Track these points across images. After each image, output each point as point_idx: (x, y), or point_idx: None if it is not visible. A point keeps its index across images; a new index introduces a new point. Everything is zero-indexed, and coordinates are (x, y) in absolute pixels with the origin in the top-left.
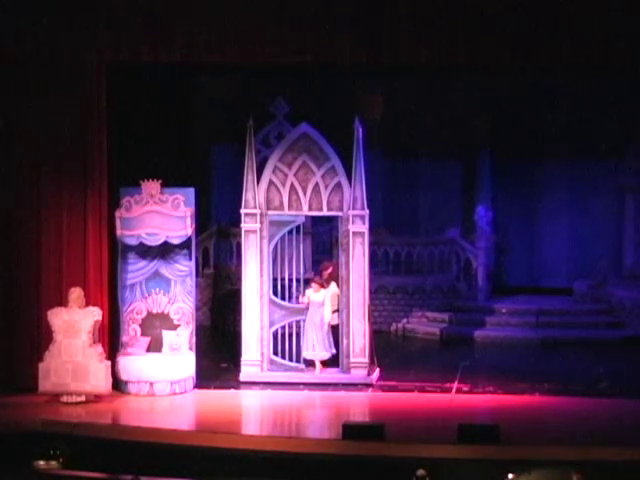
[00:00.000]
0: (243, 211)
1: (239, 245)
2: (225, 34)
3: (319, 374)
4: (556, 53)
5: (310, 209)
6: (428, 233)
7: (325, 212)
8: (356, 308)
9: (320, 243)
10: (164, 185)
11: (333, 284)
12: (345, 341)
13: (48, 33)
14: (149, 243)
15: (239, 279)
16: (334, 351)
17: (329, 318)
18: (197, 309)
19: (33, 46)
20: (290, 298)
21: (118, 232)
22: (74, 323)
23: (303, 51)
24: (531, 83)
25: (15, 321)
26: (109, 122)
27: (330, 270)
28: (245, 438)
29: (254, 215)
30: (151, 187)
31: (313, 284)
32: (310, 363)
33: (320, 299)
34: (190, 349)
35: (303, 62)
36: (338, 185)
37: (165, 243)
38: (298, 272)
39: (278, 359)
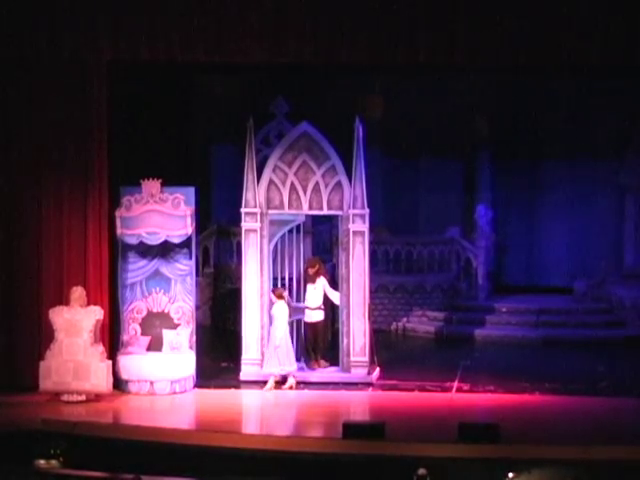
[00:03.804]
0: (243, 210)
1: (239, 244)
2: (224, 33)
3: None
4: (555, 53)
5: (310, 208)
6: (428, 232)
7: (325, 211)
8: (356, 307)
9: (320, 242)
10: (164, 184)
11: (322, 279)
12: (345, 340)
13: (48, 32)
14: (149, 242)
15: (239, 278)
16: (288, 368)
17: (281, 334)
18: (197, 308)
19: (33, 45)
20: (290, 297)
21: (118, 231)
22: (75, 322)
23: (303, 50)
24: (531, 82)
25: (16, 320)
26: (109, 121)
27: (317, 268)
28: (245, 437)
29: (254, 214)
30: (151, 186)
31: (271, 295)
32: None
33: (274, 312)
34: (190, 348)
35: (303, 61)
36: (338, 184)
37: (165, 242)
38: (298, 271)
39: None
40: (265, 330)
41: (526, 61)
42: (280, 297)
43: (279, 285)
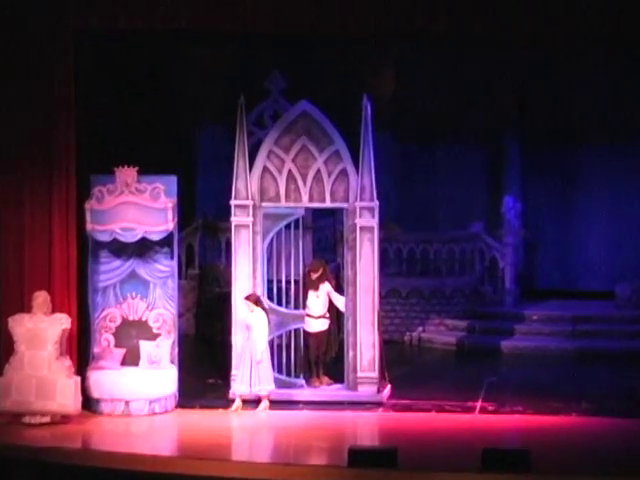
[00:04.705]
0: (233, 202)
1: (229, 242)
2: None
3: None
4: (588, 22)
5: (311, 200)
6: (447, 228)
7: (328, 204)
8: (364, 315)
9: (322, 239)
10: (142, 172)
11: (326, 285)
12: (351, 353)
13: None
14: (124, 239)
15: (228, 281)
16: (267, 388)
17: (262, 347)
18: (180, 316)
19: None
20: (287, 303)
21: (88, 227)
22: (39, 332)
23: (302, 18)
24: (567, 56)
25: None
26: (77, 99)
27: (320, 272)
28: (236, 465)
29: (246, 207)
30: (126, 175)
31: (246, 302)
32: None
33: (252, 321)
34: (172, 362)
35: (303, 30)
36: (343, 172)
37: (143, 239)
38: (297, 273)
39: (274, 373)
40: None
41: (560, 33)
42: (257, 303)
43: (274, 290)
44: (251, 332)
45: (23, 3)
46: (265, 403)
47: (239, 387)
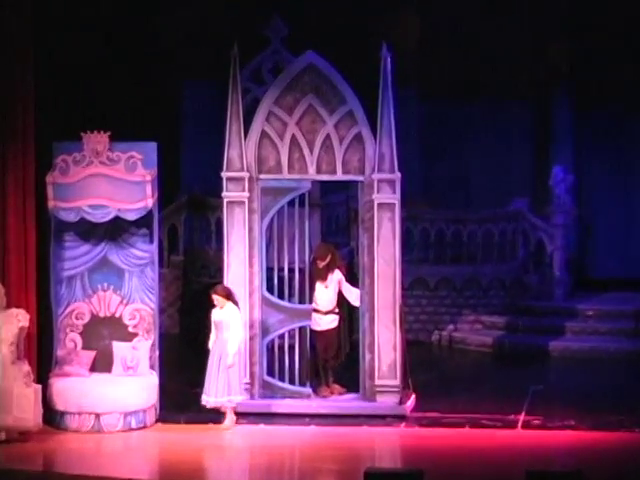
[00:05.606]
0: (225, 174)
1: (220, 222)
2: None
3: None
4: None
5: (319, 172)
6: (484, 205)
7: (340, 176)
8: (383, 310)
9: (333, 219)
10: (115, 138)
11: (336, 274)
12: (368, 356)
13: None
14: (94, 219)
15: (220, 269)
16: (236, 399)
17: (235, 349)
18: (161, 311)
19: None
20: (291, 296)
21: (50, 204)
22: None
23: None
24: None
25: None
26: (38, 51)
27: (328, 260)
28: None
29: (241, 180)
30: (96, 141)
31: (215, 296)
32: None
33: (223, 318)
34: (151, 367)
35: None
36: (358, 138)
37: (116, 219)
38: (302, 260)
39: (274, 381)
40: (256, 341)
41: None
42: (228, 298)
43: (275, 280)
44: (221, 332)
45: None
46: (231, 417)
47: (204, 397)
